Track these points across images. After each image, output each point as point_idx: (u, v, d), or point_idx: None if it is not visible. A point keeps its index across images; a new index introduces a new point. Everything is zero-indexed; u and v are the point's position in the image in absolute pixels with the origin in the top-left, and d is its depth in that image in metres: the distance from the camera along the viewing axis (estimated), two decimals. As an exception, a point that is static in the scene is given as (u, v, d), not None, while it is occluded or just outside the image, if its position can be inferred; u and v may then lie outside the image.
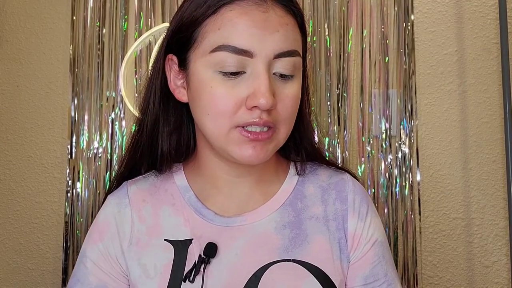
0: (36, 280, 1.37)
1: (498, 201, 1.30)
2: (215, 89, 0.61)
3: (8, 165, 1.41)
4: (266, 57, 0.60)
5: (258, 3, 0.61)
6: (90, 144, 1.35)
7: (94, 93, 1.36)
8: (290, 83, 0.63)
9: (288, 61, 0.62)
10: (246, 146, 0.62)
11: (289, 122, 0.65)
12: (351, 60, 1.34)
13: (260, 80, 0.60)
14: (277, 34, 0.60)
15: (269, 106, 0.59)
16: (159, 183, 0.73)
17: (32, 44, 1.43)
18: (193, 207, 0.69)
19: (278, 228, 0.68)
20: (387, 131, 1.31)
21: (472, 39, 1.34)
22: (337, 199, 0.71)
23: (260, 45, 0.60)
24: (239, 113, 0.61)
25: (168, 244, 0.67)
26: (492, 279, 1.28)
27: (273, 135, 0.63)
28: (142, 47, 1.37)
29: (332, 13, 1.34)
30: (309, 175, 0.74)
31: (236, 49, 0.60)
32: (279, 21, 0.61)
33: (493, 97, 1.33)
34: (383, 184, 1.30)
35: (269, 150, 0.63)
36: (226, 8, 0.61)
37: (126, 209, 0.70)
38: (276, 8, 0.62)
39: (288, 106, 0.63)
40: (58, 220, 1.37)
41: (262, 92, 0.59)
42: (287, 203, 0.70)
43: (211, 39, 0.61)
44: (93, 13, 1.39)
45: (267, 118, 0.61)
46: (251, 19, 0.60)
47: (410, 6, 1.33)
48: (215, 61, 0.61)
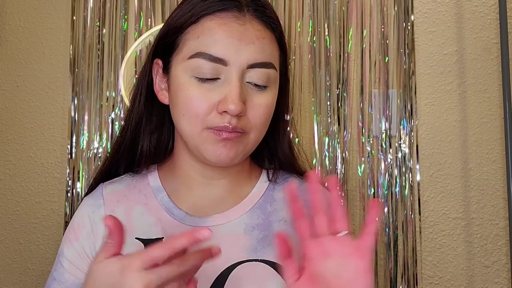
0: (36, 280, 1.37)
1: (498, 201, 1.30)
2: (190, 92, 0.65)
3: (8, 165, 1.41)
4: (240, 66, 0.64)
5: (237, 16, 0.66)
6: (90, 144, 1.35)
7: (94, 93, 1.36)
8: (263, 93, 0.67)
9: (261, 72, 0.66)
10: (217, 145, 0.65)
11: (260, 129, 0.68)
12: (351, 60, 1.34)
13: (231, 87, 0.64)
14: (252, 46, 0.65)
15: (237, 111, 0.63)
16: (133, 184, 0.76)
17: (32, 44, 1.43)
18: (165, 207, 0.72)
19: (248, 230, 0.71)
20: (387, 131, 1.31)
21: (472, 39, 1.34)
22: (305, 206, 0.73)
23: (235, 54, 0.64)
24: (211, 116, 0.65)
25: (139, 243, 0.69)
26: (492, 279, 1.28)
27: (241, 136, 0.66)
28: (142, 47, 1.37)
29: (332, 13, 1.34)
30: (280, 182, 0.77)
31: (212, 57, 0.64)
32: (256, 34, 0.66)
33: (493, 97, 1.33)
34: (383, 184, 1.30)
35: (238, 151, 0.66)
36: (207, 18, 0.66)
37: (100, 209, 0.73)
38: (254, 22, 0.66)
39: (259, 114, 0.66)
40: (58, 220, 1.37)
41: (232, 98, 0.63)
42: (257, 206, 0.73)
43: (191, 46, 0.66)
44: (93, 13, 1.39)
45: (236, 123, 0.64)
46: (229, 29, 0.65)
47: (410, 6, 1.33)
48: (192, 67, 0.65)
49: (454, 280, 1.29)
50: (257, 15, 0.67)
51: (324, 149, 1.31)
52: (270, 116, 0.69)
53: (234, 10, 0.66)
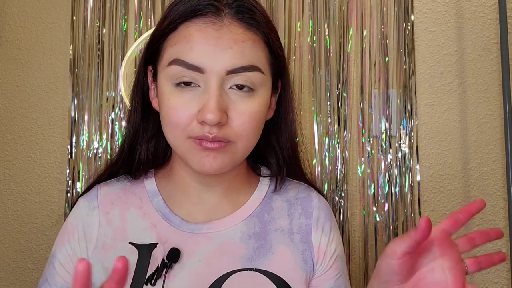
0: (36, 280, 1.37)
1: (498, 201, 1.30)
2: (171, 101, 0.63)
3: (8, 165, 1.41)
4: (218, 73, 0.61)
5: (213, 21, 0.63)
6: (90, 144, 1.35)
7: (94, 93, 1.37)
8: (249, 98, 0.64)
9: (243, 76, 0.63)
10: (201, 155, 0.63)
11: (248, 137, 0.65)
12: (351, 60, 1.34)
13: (209, 96, 0.61)
14: (229, 51, 0.62)
15: (215, 121, 0.60)
16: (129, 186, 0.74)
17: (32, 44, 1.43)
18: (160, 212, 0.70)
19: (244, 238, 0.70)
20: (387, 131, 1.31)
21: (472, 39, 1.34)
22: (302, 214, 0.74)
23: (211, 62, 0.61)
24: (192, 126, 0.62)
25: (133, 247, 0.68)
26: (492, 279, 1.28)
27: (227, 147, 0.63)
28: (142, 47, 1.37)
29: (332, 13, 1.34)
30: (279, 190, 0.76)
31: (188, 65, 0.62)
32: (234, 38, 0.62)
33: (493, 97, 1.33)
34: (383, 184, 1.30)
35: (224, 161, 0.64)
36: (184, 25, 0.64)
37: (94, 211, 0.72)
38: (232, 26, 0.63)
39: (244, 122, 0.63)
40: (58, 220, 1.37)
41: (209, 108, 0.60)
42: (254, 215, 0.72)
43: (169, 53, 0.64)
44: (93, 13, 1.39)
45: (217, 133, 0.61)
46: (204, 36, 0.62)
47: (410, 6, 1.33)
48: (171, 74, 0.63)
49: (454, 280, 1.29)
50: (237, 17, 0.64)
51: (324, 149, 1.31)
52: (258, 122, 0.66)
53: (210, 15, 0.63)
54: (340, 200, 1.29)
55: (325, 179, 1.30)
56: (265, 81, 0.66)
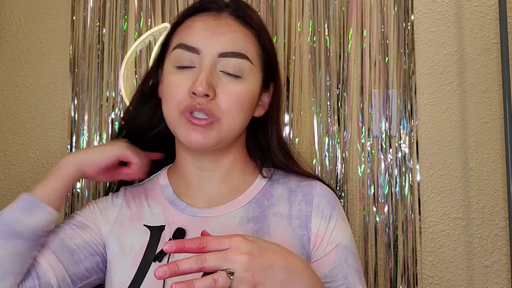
0: (36, 280, 1.37)
1: (498, 201, 1.30)
2: (170, 79, 0.74)
3: (8, 165, 1.41)
4: (211, 55, 0.72)
5: (214, 14, 0.75)
6: (90, 144, 1.35)
7: (94, 93, 1.37)
8: (238, 82, 0.73)
9: (233, 61, 0.73)
10: (188, 130, 0.72)
11: (232, 115, 0.73)
12: (351, 60, 1.34)
13: (200, 71, 0.71)
14: (223, 37, 0.73)
15: (203, 92, 0.69)
16: (149, 185, 0.85)
17: (32, 44, 1.43)
18: (169, 200, 0.80)
19: (243, 222, 0.75)
20: (387, 131, 1.31)
21: (472, 39, 1.34)
22: (302, 201, 0.78)
23: (206, 44, 0.72)
24: (184, 99, 0.72)
25: (146, 229, 0.77)
26: (492, 279, 1.28)
27: (213, 123, 0.72)
28: (142, 47, 1.37)
29: (332, 13, 1.34)
30: (280, 179, 0.82)
31: (187, 46, 0.73)
32: (228, 28, 0.74)
33: (493, 97, 1.33)
34: (383, 184, 1.30)
35: (210, 136, 0.72)
36: (190, 19, 0.77)
37: (118, 198, 0.83)
38: (229, 19, 0.75)
39: (229, 100, 0.72)
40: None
41: (199, 81, 0.70)
42: (254, 201, 0.78)
43: (174, 41, 0.76)
44: (93, 13, 1.39)
45: (205, 105, 0.70)
46: (203, 24, 0.74)
47: (410, 6, 1.33)
48: (174, 58, 0.74)
49: (454, 280, 1.29)
50: (235, 15, 0.76)
51: (324, 149, 1.31)
52: (244, 105, 0.74)
53: (213, 10, 0.76)
54: (340, 200, 1.29)
55: (325, 179, 1.30)
56: (254, 71, 0.75)
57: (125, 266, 0.74)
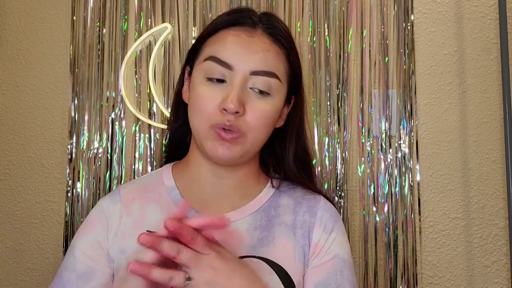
0: (36, 280, 1.37)
1: (498, 201, 1.30)
2: (200, 92, 0.75)
3: (8, 165, 1.41)
4: (243, 72, 0.73)
5: (248, 30, 0.77)
6: (90, 144, 1.35)
7: (94, 93, 1.37)
8: (265, 100, 0.75)
9: (263, 79, 0.74)
10: (215, 143, 0.73)
11: (257, 131, 0.75)
12: (351, 60, 1.34)
13: (232, 89, 0.73)
14: (256, 55, 0.74)
15: (234, 110, 0.71)
16: (149, 184, 0.83)
17: (32, 44, 1.43)
18: (176, 204, 0.78)
19: (250, 230, 0.77)
20: (387, 131, 1.31)
21: (472, 39, 1.34)
22: (307, 212, 0.81)
23: (239, 61, 0.73)
24: (214, 114, 0.73)
25: None
26: (492, 279, 1.28)
27: (238, 138, 0.73)
28: (142, 47, 1.37)
29: (332, 13, 1.34)
30: (287, 190, 0.84)
31: (220, 61, 0.74)
32: (262, 47, 0.75)
33: (493, 97, 1.33)
34: (383, 184, 1.30)
35: (235, 150, 0.74)
36: (223, 31, 0.77)
37: (116, 204, 0.80)
38: (262, 37, 0.77)
39: (256, 117, 0.74)
40: (58, 220, 1.37)
41: (231, 98, 0.71)
42: (261, 210, 0.80)
43: (206, 51, 0.77)
44: (93, 13, 1.39)
45: (233, 122, 0.72)
46: (238, 39, 0.75)
47: (410, 6, 1.33)
48: (205, 69, 0.75)
49: (454, 280, 1.29)
50: (268, 32, 0.77)
51: (324, 149, 1.31)
52: (269, 121, 0.76)
53: (247, 26, 0.77)
54: (340, 200, 1.29)
55: (325, 179, 1.30)
56: (281, 89, 0.77)
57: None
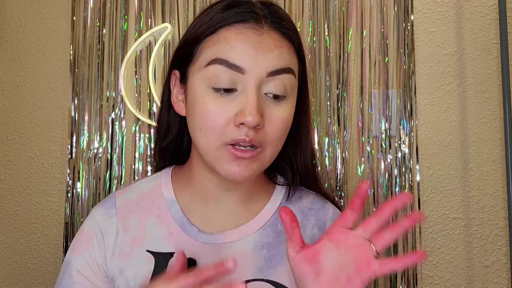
0: (36, 280, 1.37)
1: (497, 201, 1.30)
2: (207, 105, 0.63)
3: (8, 165, 1.41)
4: (258, 75, 0.63)
5: (254, 27, 0.65)
6: (90, 144, 1.35)
7: (94, 93, 1.37)
8: (282, 104, 0.65)
9: (281, 79, 0.64)
10: (231, 164, 0.63)
11: (276, 143, 0.66)
12: (351, 60, 1.34)
13: (248, 98, 0.62)
14: (270, 54, 0.64)
15: (255, 123, 0.61)
16: (147, 193, 0.75)
17: (32, 44, 1.43)
18: (178, 222, 0.71)
19: (256, 248, 0.70)
20: (387, 131, 1.31)
21: (472, 39, 1.34)
22: (315, 225, 0.74)
23: (252, 63, 0.62)
24: (228, 130, 0.62)
25: (150, 255, 0.69)
26: (492, 279, 1.28)
27: (258, 155, 0.64)
28: (142, 47, 1.37)
29: (332, 13, 1.34)
30: (294, 200, 0.76)
31: (229, 63, 0.62)
32: (274, 44, 0.65)
33: (493, 97, 1.33)
34: (383, 184, 1.30)
35: (253, 169, 0.65)
36: (224, 29, 0.65)
37: (112, 219, 0.72)
38: (271, 33, 0.65)
39: (277, 128, 0.64)
40: (58, 220, 1.37)
41: (249, 110, 0.61)
42: (268, 224, 0.72)
43: (207, 54, 0.65)
44: (93, 13, 1.39)
45: (253, 136, 0.62)
46: (246, 38, 0.64)
47: (410, 6, 1.33)
48: (209, 75, 0.63)
49: (454, 280, 1.29)
50: (275, 27, 0.66)
51: (324, 149, 1.31)
52: (287, 129, 0.67)
53: (251, 22, 0.65)
54: (340, 200, 1.29)
55: (325, 179, 1.30)
56: (294, 88, 0.68)
57: None
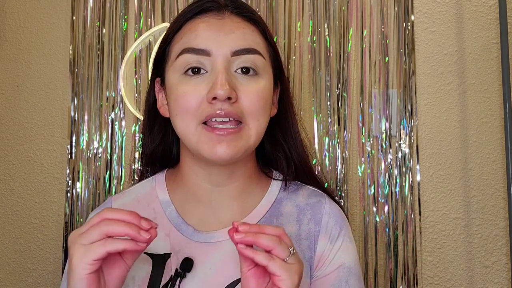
0: (36, 280, 1.37)
1: (498, 201, 1.30)
2: (180, 89, 0.66)
3: (8, 165, 1.41)
4: (223, 55, 0.66)
5: (216, 13, 0.69)
6: (90, 144, 1.35)
7: (94, 93, 1.37)
8: (255, 80, 0.67)
9: (246, 58, 0.67)
10: (213, 143, 0.64)
11: (258, 117, 0.67)
12: (351, 60, 1.34)
13: (217, 73, 0.65)
14: (232, 35, 0.67)
15: (226, 95, 0.63)
16: (142, 197, 0.76)
17: (32, 44, 1.43)
18: (173, 222, 0.72)
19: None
20: (387, 131, 1.31)
21: (472, 39, 1.34)
22: (311, 220, 0.74)
23: (216, 44, 0.66)
24: (202, 108, 0.65)
25: (147, 257, 0.69)
26: (492, 279, 1.28)
27: (240, 131, 0.66)
28: (142, 47, 1.37)
29: (332, 13, 1.34)
30: (289, 195, 0.76)
31: (195, 50, 0.66)
32: (236, 25, 0.68)
33: (493, 97, 1.33)
34: (383, 184, 1.30)
35: (237, 146, 0.65)
36: (188, 22, 0.70)
37: None
38: (233, 17, 0.69)
39: (253, 100, 0.66)
40: (58, 220, 1.37)
41: (218, 84, 0.63)
42: (263, 221, 0.72)
43: (176, 48, 0.69)
44: (93, 13, 1.39)
45: (229, 109, 0.64)
46: (207, 24, 0.68)
47: (410, 6, 1.33)
48: (180, 64, 0.67)
49: (454, 280, 1.29)
50: (236, 12, 0.70)
51: (324, 149, 1.31)
52: (266, 104, 0.68)
53: (213, 10, 0.69)
54: (340, 200, 1.29)
55: (325, 179, 1.30)
56: (267, 67, 0.70)
57: None
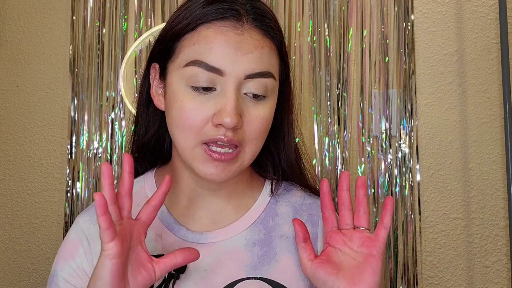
0: (36, 280, 1.37)
1: (498, 201, 1.30)
2: (185, 103, 0.63)
3: (8, 165, 1.41)
4: (237, 77, 0.62)
5: (235, 25, 0.63)
6: (90, 144, 1.35)
7: (94, 93, 1.37)
8: (261, 104, 0.65)
9: (259, 82, 0.63)
10: (208, 165, 0.63)
11: (256, 142, 0.66)
12: (351, 60, 1.34)
13: (227, 99, 0.61)
14: (250, 56, 0.62)
15: (233, 125, 0.60)
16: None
17: (32, 44, 1.43)
18: (165, 222, 0.70)
19: (248, 246, 0.69)
20: (387, 131, 1.31)
21: (472, 39, 1.34)
22: (308, 221, 0.73)
23: (231, 65, 0.61)
24: (206, 129, 0.62)
25: None
26: (492, 279, 1.28)
27: (237, 155, 0.64)
28: (142, 47, 1.37)
29: (332, 13, 1.34)
30: (283, 194, 0.75)
31: (208, 66, 0.62)
32: (254, 44, 0.63)
33: (493, 97, 1.33)
34: (383, 184, 1.30)
35: (231, 170, 0.64)
36: (204, 26, 0.64)
37: (96, 225, 0.67)
38: (252, 32, 0.64)
39: (255, 127, 0.64)
40: (58, 220, 1.37)
41: (227, 111, 0.60)
42: (259, 221, 0.71)
43: (186, 54, 0.64)
44: (93, 13, 1.39)
45: (232, 136, 0.62)
46: (226, 39, 0.62)
47: (410, 6, 1.33)
48: (188, 75, 0.63)
49: (454, 280, 1.29)
50: (256, 24, 0.65)
51: (324, 149, 1.31)
52: (267, 128, 0.67)
53: (232, 19, 0.63)
54: (340, 200, 1.29)
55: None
56: (275, 87, 0.67)
57: None
